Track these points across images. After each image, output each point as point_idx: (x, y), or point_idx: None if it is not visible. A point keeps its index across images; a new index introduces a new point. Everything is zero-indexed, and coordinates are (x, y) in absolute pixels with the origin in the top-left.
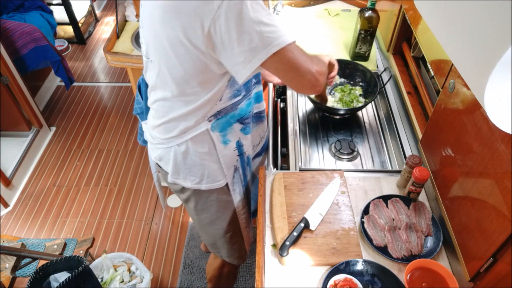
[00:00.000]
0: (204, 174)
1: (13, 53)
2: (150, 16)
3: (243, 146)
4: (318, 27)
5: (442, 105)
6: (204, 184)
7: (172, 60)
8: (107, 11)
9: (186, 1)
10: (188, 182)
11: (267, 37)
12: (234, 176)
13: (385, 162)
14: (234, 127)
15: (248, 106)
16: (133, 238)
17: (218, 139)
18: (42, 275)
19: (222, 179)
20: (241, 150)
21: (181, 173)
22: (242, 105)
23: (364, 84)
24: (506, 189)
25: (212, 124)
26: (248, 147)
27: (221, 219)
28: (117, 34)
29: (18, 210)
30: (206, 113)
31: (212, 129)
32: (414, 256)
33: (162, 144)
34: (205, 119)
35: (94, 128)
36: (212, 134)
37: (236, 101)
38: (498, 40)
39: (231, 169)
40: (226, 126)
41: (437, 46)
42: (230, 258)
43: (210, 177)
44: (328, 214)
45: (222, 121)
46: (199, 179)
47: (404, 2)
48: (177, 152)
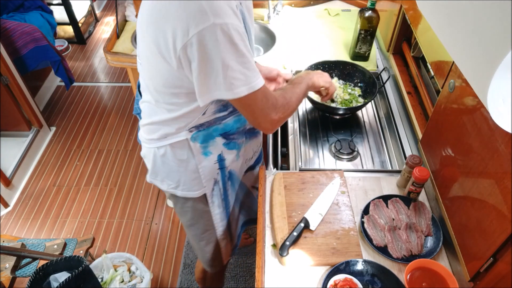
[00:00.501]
0: (180, 181)
1: (13, 53)
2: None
3: (225, 161)
4: (318, 27)
5: (442, 105)
6: (179, 190)
7: (153, 68)
8: (107, 11)
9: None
10: (164, 185)
11: (231, 83)
12: (213, 188)
13: (385, 162)
14: (216, 140)
15: (236, 122)
16: (133, 238)
17: (198, 150)
18: (42, 275)
19: (200, 189)
20: (222, 164)
21: (159, 176)
22: (228, 121)
23: (363, 85)
24: (506, 189)
25: (193, 134)
26: (232, 162)
27: (195, 227)
28: (117, 34)
29: (18, 210)
30: (188, 123)
31: (192, 140)
32: (414, 256)
33: (145, 143)
34: (186, 129)
35: (94, 128)
36: (191, 144)
37: (221, 116)
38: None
39: (211, 181)
40: (207, 138)
41: (437, 46)
42: (204, 264)
43: (186, 185)
44: (328, 214)
45: (204, 133)
46: (176, 184)
47: (404, 2)
48: (156, 155)
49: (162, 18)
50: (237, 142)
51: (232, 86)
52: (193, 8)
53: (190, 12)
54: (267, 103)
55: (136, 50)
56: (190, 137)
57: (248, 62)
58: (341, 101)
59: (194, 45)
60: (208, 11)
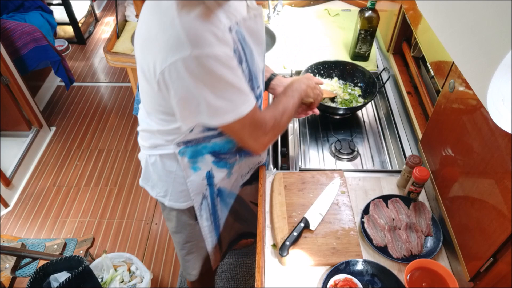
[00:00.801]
0: (168, 191)
1: (13, 53)
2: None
3: (214, 178)
4: (318, 27)
5: (442, 105)
6: (167, 200)
7: (143, 84)
8: (107, 11)
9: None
10: (154, 192)
11: (215, 111)
12: (202, 202)
13: (385, 162)
14: (205, 158)
15: (228, 143)
16: (133, 238)
17: (186, 165)
18: (42, 275)
19: (187, 202)
20: (211, 181)
21: (150, 182)
22: (218, 141)
23: (363, 85)
24: (506, 189)
25: (181, 149)
26: (222, 181)
27: (179, 235)
28: (117, 34)
29: (18, 210)
30: (175, 138)
31: (180, 154)
32: (414, 256)
33: (141, 147)
34: (174, 143)
35: (94, 128)
36: (179, 158)
37: (209, 135)
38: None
39: (199, 195)
40: (196, 154)
41: (437, 46)
42: (184, 272)
43: (174, 196)
44: (328, 214)
45: (192, 149)
46: (164, 194)
47: (404, 2)
48: (148, 161)
49: (146, 41)
50: (228, 161)
51: (216, 113)
52: (171, 36)
53: (168, 40)
54: (256, 127)
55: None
56: (178, 151)
57: (233, 89)
58: (341, 101)
59: (172, 73)
60: (185, 41)
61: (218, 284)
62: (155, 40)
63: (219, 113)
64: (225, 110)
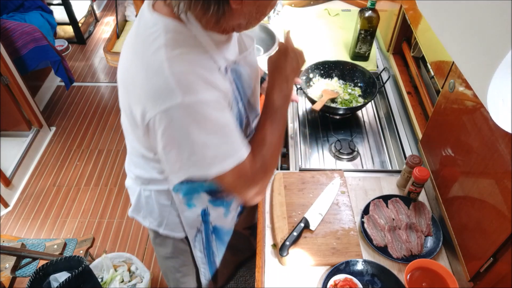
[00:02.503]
0: (162, 222)
1: (13, 53)
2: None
3: (209, 216)
4: (318, 27)
5: (442, 105)
6: (161, 229)
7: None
8: (107, 11)
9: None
10: (146, 222)
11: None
12: (196, 235)
13: (385, 162)
14: (201, 196)
15: None
16: (133, 238)
17: (180, 201)
18: (42, 275)
19: (181, 232)
20: (206, 218)
21: (142, 213)
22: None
23: (363, 85)
24: (506, 189)
25: (176, 186)
26: (217, 218)
27: (174, 260)
28: (117, 34)
29: (18, 210)
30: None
31: (175, 191)
32: (414, 256)
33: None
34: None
35: (94, 128)
36: (173, 195)
37: None
38: (501, 40)
39: (193, 229)
40: (191, 192)
41: (437, 46)
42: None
43: (169, 226)
44: (328, 214)
45: (188, 187)
46: (158, 224)
47: (404, 2)
48: (141, 195)
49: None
50: (225, 200)
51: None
52: (159, 82)
53: (156, 87)
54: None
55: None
56: (172, 188)
57: (226, 135)
58: (341, 101)
59: (162, 121)
60: (175, 88)
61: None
62: (142, 86)
63: (213, 163)
64: (218, 159)
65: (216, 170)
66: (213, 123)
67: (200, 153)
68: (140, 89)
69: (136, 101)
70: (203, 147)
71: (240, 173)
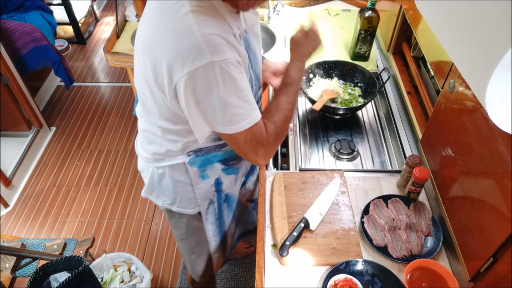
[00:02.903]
0: (176, 199)
1: (13, 53)
2: (137, 43)
3: (222, 184)
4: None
5: (442, 105)
6: (175, 207)
7: (147, 93)
8: (107, 11)
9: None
10: (159, 201)
11: (230, 119)
12: (208, 207)
13: (385, 162)
14: (215, 166)
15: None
16: (133, 238)
17: (195, 174)
18: (42, 275)
19: (194, 208)
20: (219, 187)
21: (154, 192)
22: (228, 148)
23: (363, 85)
24: (506, 189)
25: (191, 159)
26: (229, 186)
27: (189, 241)
28: (117, 34)
29: (18, 210)
30: (185, 147)
31: (190, 164)
32: (414, 256)
33: (143, 159)
34: (184, 153)
35: (94, 128)
36: (189, 168)
37: (221, 143)
38: (499, 40)
39: (206, 201)
40: (206, 163)
41: (437, 46)
42: (193, 275)
43: (182, 203)
44: (328, 214)
45: (202, 158)
46: (171, 201)
47: (404, 2)
48: (154, 173)
49: (157, 49)
50: (235, 167)
51: (232, 122)
52: (189, 44)
53: (186, 49)
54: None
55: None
56: (187, 161)
57: (247, 95)
58: (341, 101)
59: (190, 81)
60: (204, 48)
61: (218, 284)
62: (170, 49)
63: (234, 121)
64: (240, 117)
65: (235, 128)
66: (235, 83)
67: (223, 111)
68: (168, 53)
69: (163, 66)
70: (226, 105)
71: (254, 134)
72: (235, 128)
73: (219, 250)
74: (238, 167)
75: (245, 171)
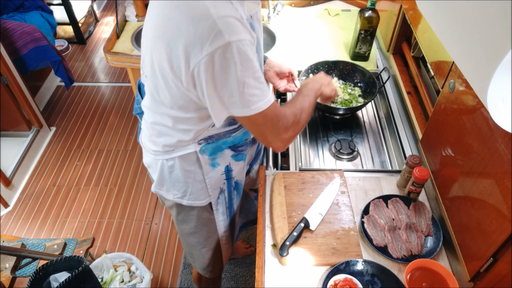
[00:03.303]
0: (187, 191)
1: (13, 53)
2: (145, 34)
3: (232, 171)
4: (318, 27)
5: (442, 105)
6: (186, 200)
7: (160, 83)
8: (107, 11)
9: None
10: (170, 195)
11: (247, 100)
12: (219, 197)
13: (385, 162)
14: (225, 153)
15: (245, 134)
16: (133, 238)
17: (206, 162)
18: (42, 275)
19: (205, 199)
20: (229, 175)
21: (165, 186)
22: (238, 134)
23: (363, 85)
24: (506, 189)
25: (202, 147)
26: (238, 173)
27: (199, 234)
28: (117, 34)
29: (18, 210)
30: (196, 136)
31: (201, 152)
32: (414, 256)
33: (151, 153)
34: (195, 142)
35: (94, 128)
36: (200, 157)
37: (231, 129)
38: (501, 40)
39: (217, 190)
40: (216, 150)
41: (437, 46)
42: (203, 271)
43: (193, 195)
44: (328, 214)
45: (213, 146)
46: (182, 194)
47: (404, 2)
48: (164, 166)
49: (173, 35)
50: (244, 153)
51: (249, 102)
52: (207, 27)
53: (204, 31)
54: (278, 121)
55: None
56: (199, 149)
57: (261, 77)
58: (341, 101)
59: (208, 64)
60: (222, 29)
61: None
62: (187, 34)
63: (251, 102)
64: (257, 97)
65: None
66: (252, 64)
67: (241, 92)
68: (185, 37)
69: (180, 51)
70: (244, 86)
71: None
72: (253, 109)
73: (228, 241)
74: (246, 153)
75: (250, 158)
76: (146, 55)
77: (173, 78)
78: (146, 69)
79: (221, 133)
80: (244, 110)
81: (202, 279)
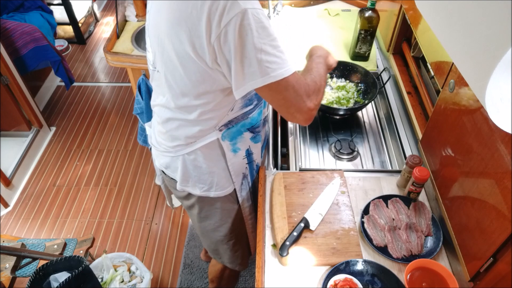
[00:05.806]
0: (213, 182)
1: (13, 53)
2: (156, 27)
3: (252, 154)
4: (318, 27)
5: (442, 105)
6: (213, 191)
7: (179, 72)
8: (107, 11)
9: (193, 16)
10: (197, 190)
11: (266, 67)
12: (242, 183)
13: (385, 162)
14: (244, 136)
15: (260, 114)
16: (133, 238)
17: (228, 148)
18: (42, 275)
19: (230, 186)
20: (250, 158)
21: (190, 181)
22: (254, 114)
23: (363, 85)
24: (506, 189)
25: (223, 133)
26: (257, 155)
27: (224, 227)
28: (117, 34)
29: (18, 210)
30: (217, 123)
31: (223, 138)
32: (414, 256)
33: (169, 152)
34: (216, 129)
35: (94, 128)
36: (222, 143)
37: (248, 110)
38: (499, 39)
39: (240, 176)
40: (236, 135)
41: (437, 46)
42: (232, 264)
43: (219, 185)
44: (328, 214)
45: (233, 130)
46: (208, 186)
47: (404, 2)
48: (186, 161)
49: (190, 16)
50: (260, 134)
51: (268, 69)
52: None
53: (220, 4)
54: (300, 90)
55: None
56: (220, 136)
57: (279, 46)
58: (341, 101)
59: (228, 33)
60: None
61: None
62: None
63: (271, 69)
64: (276, 65)
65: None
66: (267, 32)
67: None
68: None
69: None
70: (261, 52)
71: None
72: (273, 76)
73: (254, 228)
74: (262, 134)
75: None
76: (157, 49)
77: (197, 60)
78: (158, 64)
79: (239, 116)
80: (265, 78)
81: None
